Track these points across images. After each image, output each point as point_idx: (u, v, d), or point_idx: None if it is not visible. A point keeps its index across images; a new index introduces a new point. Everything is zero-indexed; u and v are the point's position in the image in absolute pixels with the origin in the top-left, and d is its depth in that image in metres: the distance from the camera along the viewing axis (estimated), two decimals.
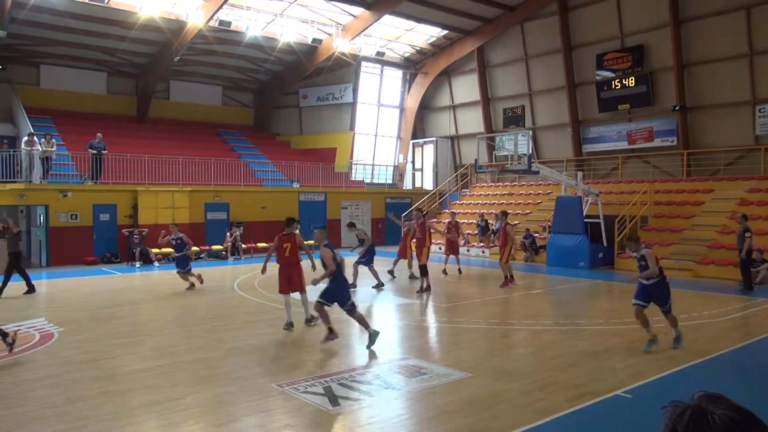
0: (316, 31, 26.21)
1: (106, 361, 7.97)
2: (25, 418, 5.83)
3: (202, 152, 24.68)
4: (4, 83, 23.95)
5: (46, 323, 10.40)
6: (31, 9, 20.43)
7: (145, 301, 13.48)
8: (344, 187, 27.93)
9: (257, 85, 31.19)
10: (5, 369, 7.61)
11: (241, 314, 11.49)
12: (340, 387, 6.69)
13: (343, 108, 30.23)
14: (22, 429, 5.56)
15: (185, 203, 22.42)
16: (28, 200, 20.14)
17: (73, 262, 19.98)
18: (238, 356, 8.09)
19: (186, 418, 5.87)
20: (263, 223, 24.30)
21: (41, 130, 21.24)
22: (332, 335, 8.64)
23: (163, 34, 23.87)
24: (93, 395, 6.50)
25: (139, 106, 27.62)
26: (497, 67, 28.10)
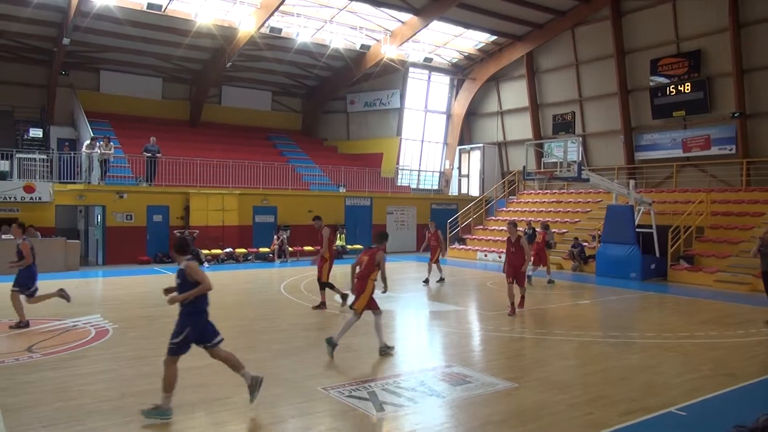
0: (365, 37, 26.42)
1: (158, 359, 8.13)
2: (83, 411, 6.05)
3: (252, 156, 25.18)
4: (67, 88, 25.02)
5: (102, 320, 10.78)
6: (93, 17, 21.30)
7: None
8: (390, 192, 28.01)
9: (306, 90, 31.63)
10: (64, 362, 7.92)
11: (288, 316, 11.64)
12: (385, 392, 6.70)
13: (390, 113, 30.34)
14: (80, 421, 5.76)
15: (234, 206, 22.91)
16: (86, 200, 20.95)
17: (127, 261, 20.67)
18: (284, 358, 8.19)
19: (233, 417, 5.98)
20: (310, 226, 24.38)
21: (100, 133, 22.11)
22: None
23: (216, 41, 24.49)
24: (145, 391, 6.69)
25: (192, 110, 28.42)
26: (547, 73, 27.70)
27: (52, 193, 19.62)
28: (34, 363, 7.88)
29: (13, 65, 24.39)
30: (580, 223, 23.31)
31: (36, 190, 19.25)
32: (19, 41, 23.30)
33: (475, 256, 24.70)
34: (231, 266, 21.17)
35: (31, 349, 8.55)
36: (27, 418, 5.79)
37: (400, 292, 14.97)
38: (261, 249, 22.94)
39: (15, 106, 24.10)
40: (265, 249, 22.94)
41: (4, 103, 24.04)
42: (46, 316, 10.97)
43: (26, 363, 7.87)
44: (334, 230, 14.56)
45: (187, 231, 21.34)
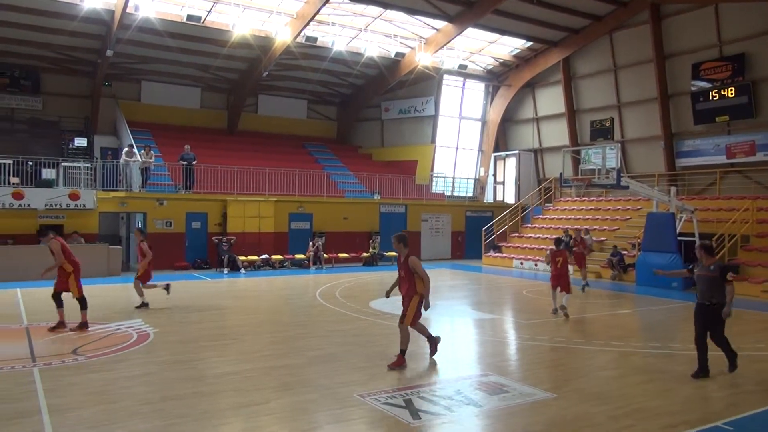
0: (399, 45, 26.52)
1: (197, 363, 8.34)
2: (125, 413, 6.19)
3: (288, 164, 25.48)
4: (110, 99, 25.76)
5: (143, 324, 11.02)
6: (135, 29, 21.90)
7: (232, 307, 14.02)
8: (425, 199, 27.98)
9: (340, 98, 31.89)
10: (107, 365, 8.12)
11: (324, 323, 11.70)
12: (421, 400, 6.67)
13: (424, 121, 30.35)
14: (123, 423, 5.90)
15: (271, 213, 23.20)
16: (128, 207, 21.49)
17: (166, 266, 21.09)
18: (320, 364, 8.24)
19: (270, 423, 6.03)
20: (345, 233, 24.76)
21: (141, 142, 22.70)
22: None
23: (252, 51, 24.91)
24: (185, 395, 6.81)
25: (229, 119, 28.94)
26: (584, 79, 27.33)
27: (95, 200, 20.20)
28: (78, 365, 8.10)
29: (59, 77, 25.27)
30: (619, 231, 22.86)
31: (81, 197, 19.84)
32: (65, 54, 24.12)
33: (511, 263, 24.44)
34: (267, 272, 21.42)
35: (76, 352, 8.79)
36: (72, 419, 5.95)
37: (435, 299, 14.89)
38: (297, 255, 23.16)
39: (61, 117, 24.93)
40: (301, 255, 23.14)
41: (52, 113, 24.90)
42: (91, 320, 11.26)
43: (71, 365, 8.10)
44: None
45: (225, 238, 21.69)
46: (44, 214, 19.64)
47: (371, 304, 13.69)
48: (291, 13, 23.17)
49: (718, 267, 7.86)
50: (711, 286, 7.80)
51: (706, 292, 7.85)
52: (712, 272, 7.81)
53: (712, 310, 7.77)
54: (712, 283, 7.78)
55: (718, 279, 7.75)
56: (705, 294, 7.87)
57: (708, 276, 7.84)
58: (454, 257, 28.14)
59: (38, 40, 22.73)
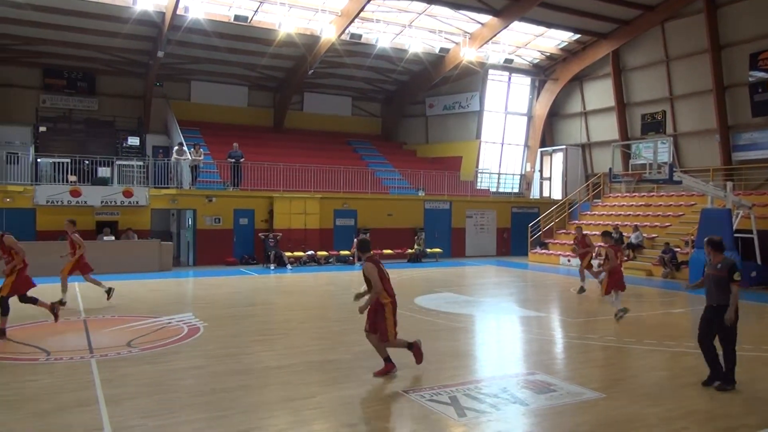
0: (444, 40, 26.36)
1: (245, 357, 8.51)
2: (177, 404, 6.38)
3: (333, 161, 25.69)
4: (161, 99, 26.50)
5: (193, 318, 11.31)
6: (184, 31, 22.46)
7: (279, 302, 14.25)
8: (469, 195, 27.77)
9: (385, 95, 31.93)
10: (160, 357, 8.37)
11: None
12: (466, 398, 6.63)
13: (469, 116, 30.10)
14: (175, 414, 6.07)
15: (316, 209, 23.45)
16: (178, 204, 22.08)
17: (215, 262, 21.60)
18: (366, 360, 8.28)
19: (317, 417, 6.11)
20: (389, 230, 24.81)
21: (190, 140, 23.28)
22: None
23: (298, 49, 25.19)
24: (234, 387, 6.96)
25: (275, 117, 29.37)
26: (634, 71, 26.57)
27: (147, 197, 20.84)
28: (133, 357, 8.38)
29: (113, 78, 26.16)
30: (672, 227, 22.15)
31: (134, 194, 20.51)
32: (119, 56, 24.93)
33: (558, 261, 24.02)
34: (312, 268, 21.67)
35: (131, 344, 9.10)
36: (127, 409, 6.16)
37: (480, 296, 14.79)
38: (341, 252, 23.35)
39: (116, 117, 25.79)
40: (346, 252, 23.32)
41: (106, 114, 25.79)
42: (144, 314, 11.64)
43: (126, 357, 8.39)
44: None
45: (271, 234, 22.05)
46: (100, 210, 20.38)
47: (416, 301, 13.68)
48: (336, 10, 23.33)
49: (725, 265, 7.16)
50: (718, 286, 7.13)
51: (714, 293, 7.19)
52: (719, 271, 7.16)
53: (720, 312, 7.11)
54: (720, 282, 7.12)
55: (726, 278, 7.07)
56: (712, 295, 7.22)
57: (715, 275, 7.20)
58: (500, 254, 27.84)
59: (93, 43, 23.56)
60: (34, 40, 23.17)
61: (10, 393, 6.70)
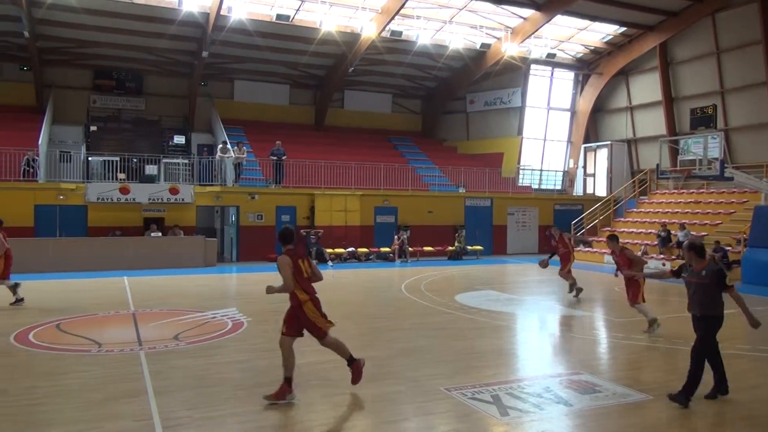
0: (485, 35, 26.10)
1: None
2: (221, 397, 6.51)
3: (373, 158, 25.76)
4: (205, 98, 27.06)
5: (237, 313, 11.52)
6: (228, 31, 22.87)
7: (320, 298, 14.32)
8: (511, 192, 27.45)
9: (425, 91, 31.83)
10: (205, 351, 8.56)
11: (410, 315, 11.76)
12: (509, 396, 6.56)
13: (510, 112, 29.75)
14: (219, 407, 6.20)
15: (357, 206, 23.57)
16: (222, 201, 22.52)
17: (258, 258, 21.93)
18: (406, 356, 8.29)
19: (358, 413, 6.15)
20: (430, 227, 24.74)
21: (234, 138, 23.70)
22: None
23: (338, 47, 25.33)
24: (276, 382, 7.00)
25: (316, 115, 29.63)
26: (683, 64, 25.77)
27: (193, 194, 21.31)
28: (180, 350, 8.59)
29: (160, 78, 26.85)
30: (722, 225, 21.41)
31: (179, 192, 21.00)
32: (165, 56, 25.57)
33: (603, 259, 23.50)
34: (353, 265, 21.79)
35: (178, 338, 9.33)
36: (174, 401, 6.32)
37: (523, 294, 14.62)
38: (382, 249, 23.40)
39: (162, 116, 26.47)
40: (386, 249, 23.36)
41: (153, 113, 26.49)
42: (190, 308, 11.92)
43: (173, 350, 8.60)
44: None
45: (313, 231, 22.26)
46: (148, 207, 20.95)
47: (456, 298, 13.61)
48: (376, 8, 23.36)
49: (711, 273, 6.44)
50: (703, 295, 6.46)
51: (696, 302, 6.53)
52: (704, 279, 6.44)
53: (703, 322, 6.48)
54: (705, 291, 6.44)
55: (712, 287, 6.41)
56: (694, 304, 6.56)
57: (698, 283, 6.49)
58: (542, 252, 27.41)
59: (141, 44, 24.23)
60: (85, 43, 23.98)
61: (64, 383, 6.96)
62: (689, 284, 6.63)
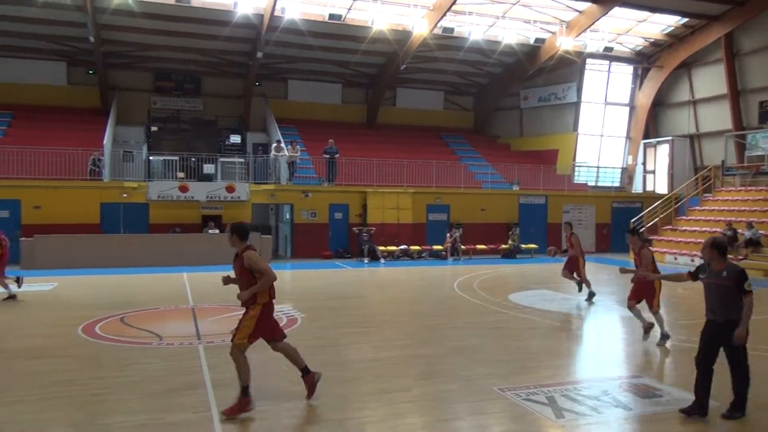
0: (539, 30, 25.61)
1: (341, 348, 8.70)
2: (277, 391, 6.64)
3: (425, 155, 25.69)
4: (260, 98, 27.60)
5: (292, 309, 11.71)
6: (281, 31, 23.24)
7: (373, 295, 14.46)
8: (566, 189, 26.87)
9: (477, 88, 31.51)
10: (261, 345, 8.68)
11: (462, 314, 11.68)
12: (565, 398, 6.42)
13: (565, 108, 29.11)
14: (275, 400, 6.33)
15: (408, 204, 23.57)
16: (277, 199, 22.94)
17: (311, 255, 22.24)
18: (460, 355, 8.23)
19: (411, 410, 6.14)
20: (482, 225, 24.50)
21: (288, 137, 24.10)
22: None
23: (390, 45, 25.37)
24: (329, 378, 7.11)
25: (368, 113, 29.78)
26: (750, 55, 24.60)
27: (248, 192, 21.79)
28: None
29: (217, 80, 27.57)
30: None
31: (236, 190, 21.52)
32: (221, 58, 26.22)
33: (664, 258, 22.70)
34: (405, 263, 21.80)
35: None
36: (231, 394, 6.45)
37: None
38: (434, 247, 23.32)
39: (218, 116, 27.16)
40: (439, 247, 23.27)
41: (210, 113, 27.21)
42: None
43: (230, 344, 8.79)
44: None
45: (365, 228, 22.40)
46: (205, 205, 21.56)
47: (510, 297, 13.43)
48: (428, 5, 23.27)
49: (733, 273, 5.79)
50: (723, 298, 5.81)
51: (717, 306, 5.88)
52: (725, 280, 5.79)
53: (725, 329, 5.78)
54: (726, 294, 5.80)
55: (733, 290, 5.76)
56: (715, 308, 5.90)
57: (719, 284, 5.84)
58: (599, 251, 26.74)
59: (198, 46, 24.94)
60: (146, 46, 24.85)
61: (128, 374, 7.24)
62: (708, 286, 5.98)
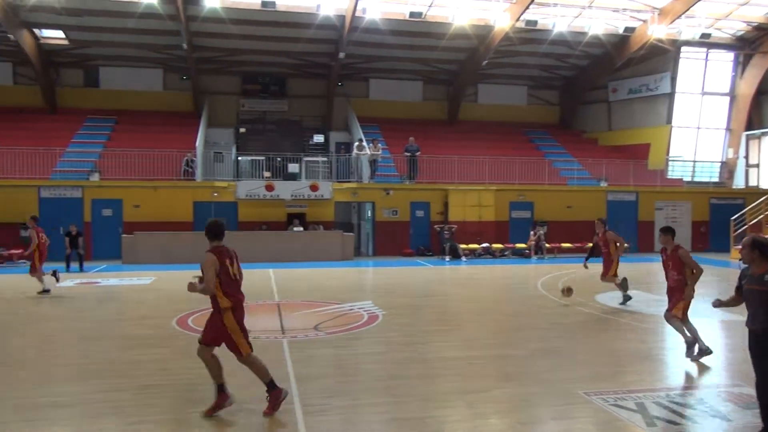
0: (628, 19, 24.49)
1: (422, 346, 8.69)
2: (358, 387, 6.71)
3: (508, 152, 25.23)
4: (342, 98, 28.07)
5: (373, 306, 11.82)
6: (361, 31, 23.50)
7: (454, 293, 14.36)
8: (659, 185, 25.57)
9: (562, 81, 30.55)
10: (342, 341, 8.88)
11: (546, 315, 11.36)
12: (656, 406, 6.09)
13: (658, 99, 27.69)
14: (357, 396, 6.39)
15: (491, 202, 23.23)
16: (359, 197, 23.27)
17: (393, 253, 22.40)
18: (544, 357, 8.01)
19: (493, 412, 6.03)
20: (568, 222, 23.76)
21: (369, 136, 24.39)
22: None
23: (471, 41, 25.06)
24: (411, 375, 7.14)
25: (449, 110, 29.58)
26: None
27: (331, 191, 22.23)
28: (319, 340, 8.99)
29: (300, 81, 28.30)
30: None
31: (319, 188, 22.03)
32: (305, 59, 26.88)
33: None
34: (487, 261, 21.52)
35: (318, 328, 9.77)
36: (314, 388, 6.62)
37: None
38: (517, 245, 22.86)
39: (302, 116, 27.88)
40: (522, 245, 22.79)
41: (294, 114, 27.99)
42: (328, 300, 12.44)
43: (313, 339, 9.02)
44: None
45: (446, 226, 22.28)
46: (290, 203, 22.20)
47: (597, 298, 12.93)
48: None
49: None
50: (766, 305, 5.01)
51: (759, 314, 5.06)
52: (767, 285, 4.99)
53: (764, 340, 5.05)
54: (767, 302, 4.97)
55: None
56: (756, 316, 5.09)
57: (761, 291, 5.02)
58: (696, 250, 25.21)
59: (283, 49, 25.69)
60: (234, 51, 25.89)
61: None
62: (749, 293, 5.17)
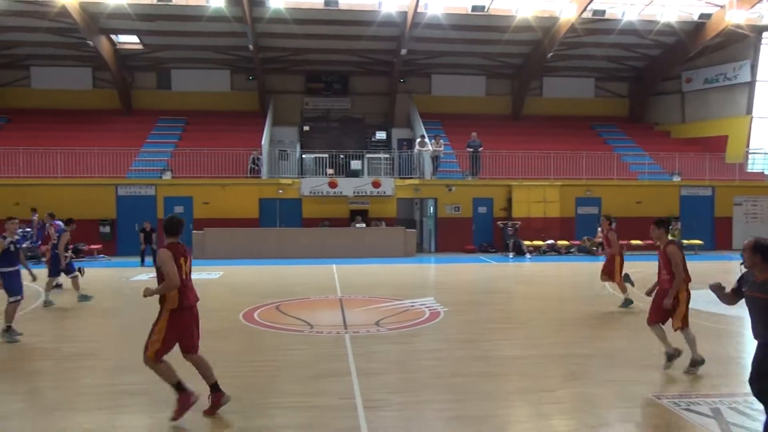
0: (704, 5, 23.33)
1: (484, 344, 8.60)
2: (419, 384, 6.71)
3: (573, 146, 24.56)
4: (404, 94, 28.08)
5: (434, 302, 11.79)
6: (422, 27, 23.40)
7: (518, 291, 14.14)
8: (738, 179, 24.25)
9: (631, 73, 29.43)
10: (404, 338, 8.90)
11: (613, 314, 11.00)
12: (733, 412, 5.78)
13: (736, 89, 26.24)
14: (417, 393, 6.40)
15: (556, 197, 22.70)
16: (421, 194, 23.24)
17: (455, 249, 22.26)
18: (610, 357, 7.76)
19: (557, 412, 5.89)
20: (637, 219, 22.85)
21: (431, 132, 24.28)
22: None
23: (534, 33, 24.51)
24: (472, 373, 7.07)
25: (513, 104, 29.06)
26: None
27: (393, 187, 22.31)
28: (380, 336, 9.04)
29: (363, 78, 28.49)
30: None
31: (381, 185, 22.14)
32: (367, 57, 27.04)
33: None
34: (553, 258, 21.04)
35: (379, 324, 9.83)
36: (375, 383, 6.66)
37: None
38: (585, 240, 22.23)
39: (365, 114, 28.08)
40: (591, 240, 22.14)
41: (357, 111, 28.23)
42: (390, 296, 12.50)
43: (375, 335, 9.08)
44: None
45: (510, 222, 21.94)
46: (353, 200, 22.43)
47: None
48: None
49: None
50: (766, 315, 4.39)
51: (759, 328, 4.45)
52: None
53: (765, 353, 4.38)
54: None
55: None
56: (757, 329, 4.47)
57: (763, 299, 4.41)
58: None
59: (345, 47, 25.94)
60: (298, 51, 26.36)
61: (281, 358, 7.74)
62: (752, 301, 4.58)
